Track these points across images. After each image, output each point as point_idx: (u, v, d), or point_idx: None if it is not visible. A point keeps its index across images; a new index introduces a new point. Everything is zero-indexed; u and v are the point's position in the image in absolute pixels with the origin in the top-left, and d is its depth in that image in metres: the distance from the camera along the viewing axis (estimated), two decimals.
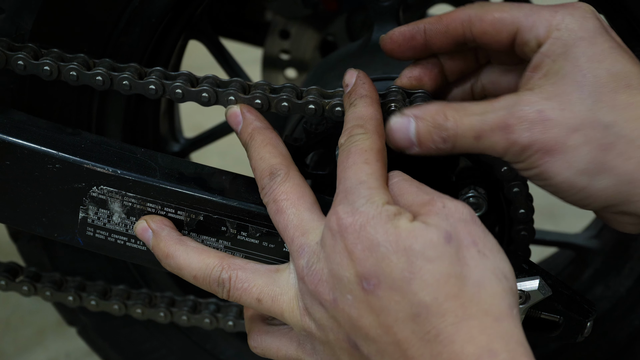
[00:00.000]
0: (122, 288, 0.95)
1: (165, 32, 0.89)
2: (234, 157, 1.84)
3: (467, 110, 0.69)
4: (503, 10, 0.71)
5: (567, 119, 0.66)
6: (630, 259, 1.01)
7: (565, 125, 0.66)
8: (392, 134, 0.70)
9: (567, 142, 0.66)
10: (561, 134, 0.66)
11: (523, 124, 0.66)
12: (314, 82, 0.92)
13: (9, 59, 0.78)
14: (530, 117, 0.66)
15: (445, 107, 0.69)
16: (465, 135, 0.68)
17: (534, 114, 0.66)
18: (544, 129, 0.66)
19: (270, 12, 1.24)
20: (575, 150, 0.66)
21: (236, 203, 0.75)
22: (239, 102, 0.76)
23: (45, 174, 0.77)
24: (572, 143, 0.66)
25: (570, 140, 0.66)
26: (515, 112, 0.67)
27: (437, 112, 0.69)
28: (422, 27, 0.74)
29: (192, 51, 1.07)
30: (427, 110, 0.69)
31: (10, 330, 1.46)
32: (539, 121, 0.66)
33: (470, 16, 0.72)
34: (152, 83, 0.77)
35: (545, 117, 0.66)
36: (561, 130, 0.66)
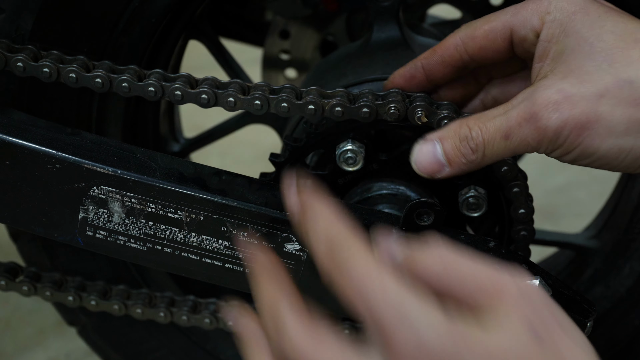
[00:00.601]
0: (122, 288, 0.95)
1: (165, 32, 0.89)
2: (234, 157, 1.84)
3: (488, 115, 0.68)
4: (490, 20, 0.72)
5: (590, 88, 0.65)
6: (630, 259, 1.01)
7: (590, 95, 0.64)
8: (419, 163, 0.70)
9: (598, 110, 0.64)
10: (589, 105, 0.64)
11: (548, 108, 0.65)
12: (314, 83, 0.92)
13: (9, 61, 0.78)
14: (553, 98, 0.65)
15: (466, 120, 0.69)
16: (494, 138, 0.67)
17: (556, 95, 0.65)
18: (571, 106, 0.65)
19: (270, 12, 1.24)
20: (609, 114, 0.64)
21: (236, 203, 0.75)
22: (239, 103, 0.76)
23: (45, 174, 0.77)
24: (604, 109, 0.64)
25: (601, 107, 0.64)
26: (537, 99, 0.66)
27: (460, 126, 0.69)
28: (419, 65, 0.75)
29: (192, 51, 1.07)
30: (449, 128, 0.69)
31: (10, 330, 1.46)
32: (563, 100, 0.65)
33: (461, 38, 0.73)
34: (151, 85, 0.77)
35: (568, 94, 0.65)
36: (588, 101, 0.64)
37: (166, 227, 0.78)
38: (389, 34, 0.91)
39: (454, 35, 0.74)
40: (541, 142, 0.66)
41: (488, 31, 0.72)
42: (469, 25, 0.73)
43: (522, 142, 0.66)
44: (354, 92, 0.77)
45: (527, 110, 0.66)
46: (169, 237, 0.78)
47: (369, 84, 0.84)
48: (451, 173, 0.70)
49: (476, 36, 0.72)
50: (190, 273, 0.80)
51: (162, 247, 0.79)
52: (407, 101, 0.74)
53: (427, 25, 1.15)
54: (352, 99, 0.76)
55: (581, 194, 1.86)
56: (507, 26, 0.71)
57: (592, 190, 1.86)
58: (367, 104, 0.75)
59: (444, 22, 1.18)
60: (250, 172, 0.84)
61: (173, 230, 0.78)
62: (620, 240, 1.02)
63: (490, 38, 0.72)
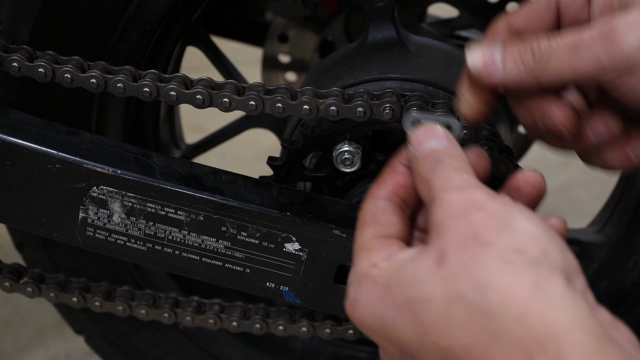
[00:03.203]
0: (126, 289, 0.95)
1: (162, 39, 0.89)
2: (234, 157, 1.84)
3: (559, 33, 0.63)
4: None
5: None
6: (635, 253, 1.01)
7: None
8: (473, 58, 0.64)
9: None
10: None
11: (629, 26, 0.60)
12: (311, 85, 0.92)
13: (4, 61, 0.78)
14: (634, 17, 0.60)
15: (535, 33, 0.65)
16: (561, 51, 0.61)
17: (637, 15, 0.60)
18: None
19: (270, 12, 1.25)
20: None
21: (236, 203, 0.76)
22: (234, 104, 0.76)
23: (45, 174, 0.77)
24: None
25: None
26: (615, 19, 0.60)
27: (527, 36, 0.64)
28: None
29: (188, 52, 1.07)
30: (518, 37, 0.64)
31: (10, 330, 1.46)
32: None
33: (505, 19, 0.68)
34: (146, 85, 0.77)
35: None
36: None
37: (166, 227, 0.78)
38: (385, 34, 0.91)
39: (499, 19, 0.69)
40: (615, 61, 0.60)
41: (531, 6, 0.67)
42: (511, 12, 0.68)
43: (592, 60, 0.61)
44: (349, 92, 0.77)
45: (604, 28, 0.61)
46: (169, 237, 0.78)
47: (365, 84, 0.84)
48: (503, 80, 0.63)
49: (520, 12, 0.67)
50: (190, 273, 0.80)
51: (162, 247, 0.79)
52: (402, 101, 0.75)
53: (426, 24, 1.15)
54: (346, 98, 0.76)
55: (581, 194, 1.86)
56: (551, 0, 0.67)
57: (592, 190, 1.86)
58: (362, 103, 0.75)
59: (443, 21, 1.18)
60: (249, 173, 0.84)
61: (173, 230, 0.78)
62: (624, 234, 1.02)
63: (535, 8, 0.67)
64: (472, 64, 0.64)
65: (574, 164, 1.95)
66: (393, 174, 0.64)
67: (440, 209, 0.56)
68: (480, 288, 0.52)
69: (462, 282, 0.52)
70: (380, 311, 0.56)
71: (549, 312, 0.50)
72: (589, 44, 0.61)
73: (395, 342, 0.56)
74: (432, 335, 0.53)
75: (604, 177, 1.88)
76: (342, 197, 0.84)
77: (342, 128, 0.79)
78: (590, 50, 0.61)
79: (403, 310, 0.55)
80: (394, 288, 0.56)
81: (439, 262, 0.54)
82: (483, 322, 0.51)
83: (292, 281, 0.78)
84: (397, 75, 0.86)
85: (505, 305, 0.51)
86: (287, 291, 0.79)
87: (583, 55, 0.61)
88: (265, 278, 0.79)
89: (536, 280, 0.51)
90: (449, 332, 0.52)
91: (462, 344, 0.52)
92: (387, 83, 0.85)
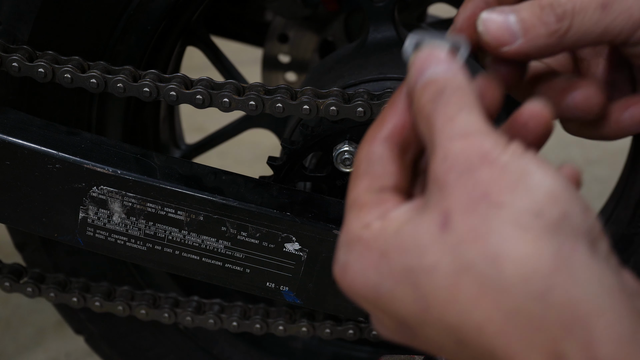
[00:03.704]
0: (126, 289, 0.95)
1: (162, 39, 0.89)
2: (234, 157, 1.84)
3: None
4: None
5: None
6: (635, 253, 1.01)
7: None
8: (487, 27, 0.56)
9: None
10: None
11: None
12: (311, 85, 0.92)
13: (4, 61, 0.78)
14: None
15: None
16: (588, 6, 0.54)
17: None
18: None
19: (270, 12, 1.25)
20: None
21: (236, 203, 0.76)
22: (234, 104, 0.76)
23: (45, 174, 0.77)
24: None
25: None
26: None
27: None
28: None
29: (188, 52, 1.07)
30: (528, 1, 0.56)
31: (10, 330, 1.46)
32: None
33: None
34: (146, 85, 0.77)
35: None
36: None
37: (166, 227, 0.78)
38: (385, 34, 0.91)
39: None
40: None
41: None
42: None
43: (624, 13, 0.54)
44: (349, 92, 0.77)
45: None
46: (169, 237, 0.78)
47: (365, 84, 0.84)
48: (524, 47, 0.56)
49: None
50: (190, 273, 0.80)
51: (162, 247, 0.79)
52: None
53: (426, 24, 1.15)
54: (346, 98, 0.76)
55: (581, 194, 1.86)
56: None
57: (592, 190, 1.86)
58: (362, 103, 0.75)
59: (443, 21, 1.18)
60: (249, 173, 0.84)
61: (173, 230, 0.78)
62: (624, 234, 1.02)
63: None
64: (485, 33, 0.56)
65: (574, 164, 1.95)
66: (393, 113, 0.54)
67: (443, 161, 0.48)
68: (494, 258, 0.45)
69: (472, 251, 0.45)
70: (374, 280, 0.50)
71: (575, 287, 0.44)
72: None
73: (392, 315, 0.50)
74: (436, 310, 0.47)
75: (604, 177, 1.88)
76: (342, 197, 0.84)
77: (342, 128, 0.79)
78: (623, 2, 0.54)
79: (402, 280, 0.48)
80: (391, 254, 0.49)
81: (443, 226, 0.47)
82: (497, 297, 0.45)
83: (292, 281, 0.78)
84: (397, 75, 0.86)
85: (524, 279, 0.44)
86: (287, 291, 0.79)
87: (614, 9, 0.55)
88: (265, 278, 0.79)
89: (558, 249, 0.44)
90: (456, 307, 0.46)
91: (472, 322, 0.46)
92: (387, 83, 0.85)
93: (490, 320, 0.45)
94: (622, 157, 1.04)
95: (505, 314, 0.44)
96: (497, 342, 0.45)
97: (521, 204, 0.45)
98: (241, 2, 1.25)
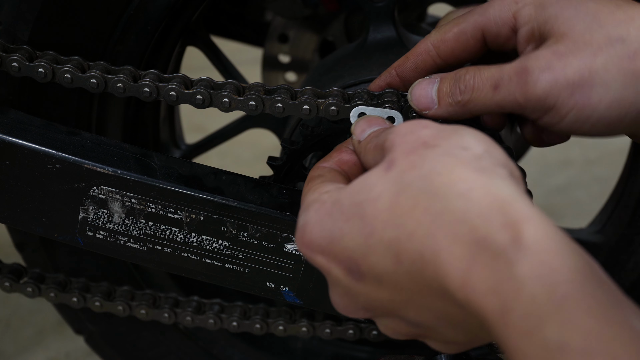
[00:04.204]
0: (126, 289, 0.95)
1: (162, 39, 0.89)
2: (234, 157, 1.84)
3: (486, 66, 0.68)
4: (458, 22, 0.71)
5: (583, 48, 0.63)
6: (635, 253, 1.01)
7: (584, 55, 0.63)
8: (415, 94, 0.70)
9: (592, 68, 0.63)
10: (583, 63, 0.63)
11: (540, 65, 0.64)
12: (311, 85, 0.92)
13: (4, 61, 0.78)
14: (546, 57, 0.64)
15: (467, 67, 0.69)
16: (484, 86, 0.66)
17: (549, 55, 0.64)
18: (564, 65, 0.63)
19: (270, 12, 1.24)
20: (604, 70, 0.62)
21: (236, 203, 0.76)
22: (234, 104, 0.76)
23: (45, 174, 0.77)
24: (598, 66, 0.62)
25: (595, 65, 0.63)
26: (531, 58, 0.65)
27: (459, 70, 0.69)
28: (393, 73, 0.75)
29: (188, 52, 1.07)
30: (453, 72, 0.69)
31: (10, 330, 1.46)
32: (555, 59, 0.63)
33: (432, 43, 0.72)
34: (146, 85, 0.77)
35: (561, 53, 0.63)
36: (581, 60, 0.63)
37: (166, 227, 0.78)
38: (385, 34, 0.91)
39: (424, 40, 0.73)
40: (529, 99, 0.64)
41: (458, 34, 0.71)
42: (439, 29, 0.73)
43: (510, 96, 0.65)
44: (349, 92, 0.77)
45: (520, 65, 0.65)
46: (169, 237, 0.78)
47: (365, 84, 0.84)
48: (439, 113, 0.69)
49: (446, 39, 0.72)
50: (190, 273, 0.80)
51: (162, 247, 0.79)
52: (402, 101, 0.75)
53: (426, 24, 1.15)
54: (346, 98, 0.76)
55: (581, 194, 1.86)
56: (477, 27, 0.70)
57: (592, 190, 1.86)
58: (362, 103, 0.75)
59: None
60: (250, 173, 0.84)
61: (173, 230, 0.78)
62: (624, 234, 1.02)
63: (462, 40, 0.71)
64: (412, 99, 0.71)
65: (574, 164, 1.96)
66: (338, 152, 0.69)
67: (390, 135, 0.59)
68: (427, 176, 0.53)
69: (409, 175, 0.54)
70: (328, 226, 0.57)
71: (494, 187, 0.51)
72: (507, 82, 0.65)
73: (342, 256, 0.56)
74: (378, 232, 0.53)
75: (604, 177, 1.88)
76: None
77: (342, 128, 0.79)
78: (508, 88, 0.65)
79: (351, 216, 0.55)
80: (343, 199, 0.57)
81: (388, 168, 0.55)
82: (427, 204, 0.51)
83: (292, 281, 0.78)
84: None
85: (450, 184, 0.51)
86: (287, 291, 0.79)
87: (502, 91, 0.65)
88: (265, 278, 0.79)
89: (480, 165, 0.52)
90: (393, 222, 0.53)
91: (406, 230, 0.52)
92: None
93: (420, 224, 0.51)
94: (622, 157, 1.04)
95: (433, 216, 0.51)
96: (425, 242, 0.51)
97: (453, 143, 0.55)
98: (241, 2, 1.25)
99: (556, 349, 0.44)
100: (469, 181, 0.51)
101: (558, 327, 0.44)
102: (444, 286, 0.50)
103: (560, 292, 0.45)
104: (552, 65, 0.63)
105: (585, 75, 0.63)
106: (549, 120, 0.66)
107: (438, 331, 0.56)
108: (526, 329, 0.45)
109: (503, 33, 0.70)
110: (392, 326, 0.59)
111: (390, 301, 0.56)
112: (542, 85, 0.63)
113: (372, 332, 0.90)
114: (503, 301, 0.46)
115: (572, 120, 0.64)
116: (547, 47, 0.65)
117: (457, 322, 0.54)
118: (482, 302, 0.47)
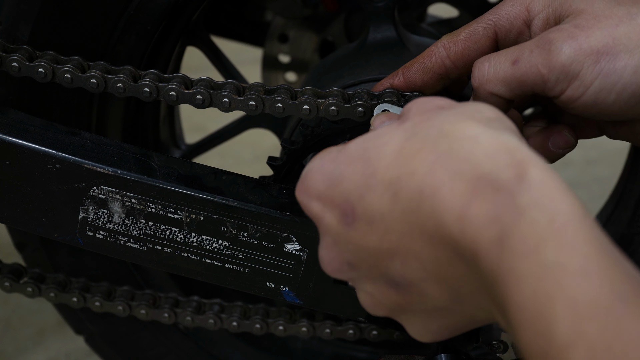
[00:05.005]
0: (126, 289, 0.95)
1: (162, 39, 0.89)
2: (234, 157, 1.84)
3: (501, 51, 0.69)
4: (470, 24, 0.72)
5: (604, 21, 0.63)
6: (635, 253, 1.01)
7: (606, 25, 0.63)
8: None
9: (615, 35, 0.62)
10: (605, 33, 0.62)
11: (563, 35, 0.63)
12: (311, 85, 0.92)
13: (4, 61, 0.78)
14: (568, 29, 0.63)
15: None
16: (502, 61, 0.66)
17: (571, 27, 0.63)
18: (587, 34, 0.62)
19: (270, 12, 1.25)
20: (628, 38, 0.62)
21: (236, 203, 0.76)
22: (234, 104, 0.76)
23: (45, 174, 0.77)
24: (621, 33, 0.62)
25: (618, 32, 0.62)
26: (552, 30, 0.64)
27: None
28: (399, 75, 0.75)
29: (189, 52, 1.07)
30: None
31: (10, 330, 1.46)
32: (577, 30, 0.63)
33: (443, 44, 0.73)
34: (146, 85, 0.77)
35: (583, 26, 0.63)
36: (603, 30, 0.62)
37: (166, 227, 0.78)
38: (385, 35, 0.91)
39: (436, 43, 0.74)
40: (553, 68, 0.63)
41: (470, 33, 0.72)
42: (450, 33, 0.73)
43: (532, 69, 0.64)
44: (349, 92, 0.77)
45: (541, 38, 0.64)
46: (169, 237, 0.78)
47: (365, 84, 0.84)
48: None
49: (458, 40, 0.72)
50: (190, 273, 0.80)
51: (162, 247, 0.79)
52: (402, 101, 0.75)
53: (426, 24, 1.15)
54: (347, 98, 0.76)
55: (581, 194, 1.86)
56: (489, 24, 0.71)
57: (592, 190, 1.86)
58: (362, 103, 0.75)
59: (443, 21, 1.18)
60: (250, 173, 0.84)
61: (173, 230, 0.78)
62: (624, 234, 1.02)
63: (473, 39, 0.71)
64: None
65: (574, 164, 1.96)
66: None
67: (407, 105, 0.59)
68: (437, 125, 0.53)
69: (421, 126, 0.54)
70: (329, 169, 0.57)
71: (503, 137, 0.51)
72: (527, 55, 0.64)
73: (339, 199, 0.56)
74: (380, 172, 0.54)
75: (604, 177, 1.88)
76: None
77: (342, 128, 0.79)
78: (530, 60, 0.64)
79: (355, 159, 0.56)
80: (350, 146, 0.57)
81: (401, 122, 0.56)
82: (434, 146, 0.52)
83: (292, 281, 0.78)
84: None
85: (460, 129, 0.52)
86: (287, 291, 0.79)
87: (523, 65, 0.65)
88: (265, 278, 0.79)
89: (491, 126, 0.52)
90: (398, 162, 0.53)
91: (408, 169, 0.52)
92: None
93: (423, 162, 0.51)
94: (622, 157, 1.04)
95: (438, 155, 0.51)
96: (426, 180, 0.51)
97: (467, 107, 0.55)
98: (241, 2, 1.25)
99: (553, 268, 0.44)
100: (479, 130, 0.52)
101: (556, 250, 0.44)
102: (439, 222, 0.50)
103: (560, 220, 0.45)
104: (575, 35, 0.63)
105: (609, 42, 0.62)
106: (572, 93, 0.64)
107: (421, 292, 0.55)
108: (524, 251, 0.45)
109: (515, 26, 0.70)
110: (373, 291, 0.58)
111: (377, 249, 0.55)
112: (567, 52, 0.62)
113: (372, 332, 0.90)
114: (502, 228, 0.46)
115: (597, 90, 0.63)
116: (567, 22, 0.64)
117: (443, 275, 0.53)
118: (479, 233, 0.47)
